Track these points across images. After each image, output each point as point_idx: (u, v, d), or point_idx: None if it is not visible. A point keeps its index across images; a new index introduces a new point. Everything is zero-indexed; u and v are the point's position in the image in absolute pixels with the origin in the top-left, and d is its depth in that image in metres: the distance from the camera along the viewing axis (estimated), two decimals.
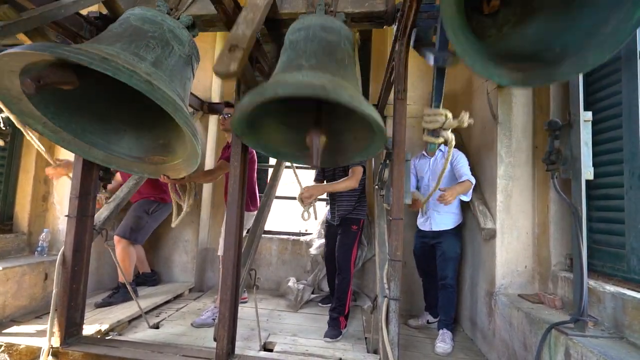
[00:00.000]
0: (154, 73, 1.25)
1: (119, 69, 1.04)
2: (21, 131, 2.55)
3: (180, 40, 1.44)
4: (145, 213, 2.83)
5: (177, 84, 1.39)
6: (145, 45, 1.31)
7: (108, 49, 1.17)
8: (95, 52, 1.06)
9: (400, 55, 1.51)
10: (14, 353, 1.71)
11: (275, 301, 3.07)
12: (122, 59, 1.14)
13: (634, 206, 1.52)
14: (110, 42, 1.25)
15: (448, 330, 2.28)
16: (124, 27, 1.33)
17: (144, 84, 1.08)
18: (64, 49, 1.01)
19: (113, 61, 1.05)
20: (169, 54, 1.38)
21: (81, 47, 1.07)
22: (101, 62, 1.01)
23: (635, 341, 1.33)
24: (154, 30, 1.36)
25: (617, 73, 1.64)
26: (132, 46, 1.27)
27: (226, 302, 1.59)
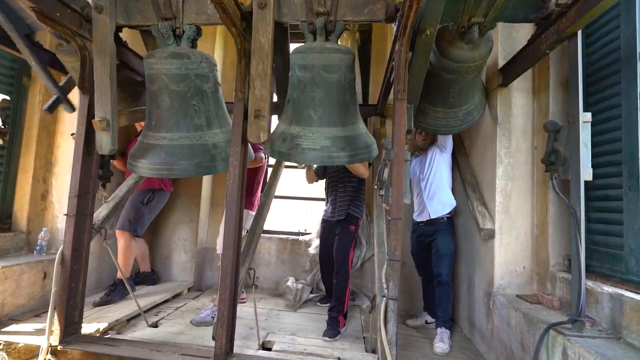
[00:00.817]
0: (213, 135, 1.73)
1: (200, 166, 1.67)
2: (20, 130, 2.57)
3: (206, 78, 1.72)
4: (141, 203, 2.85)
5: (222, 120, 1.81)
6: (194, 111, 1.68)
7: (175, 136, 1.65)
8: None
9: (400, 55, 1.51)
10: (13, 351, 1.71)
11: (274, 300, 3.07)
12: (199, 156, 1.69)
13: (632, 207, 1.52)
14: (170, 121, 1.66)
15: (446, 328, 2.28)
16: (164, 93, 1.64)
17: (222, 165, 1.72)
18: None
19: (199, 164, 1.67)
20: (208, 102, 1.73)
21: None
22: (195, 168, 1.66)
23: (633, 342, 1.34)
24: (188, 87, 1.65)
25: (616, 74, 1.65)
26: (188, 119, 1.67)
27: (225, 301, 1.59)
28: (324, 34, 1.62)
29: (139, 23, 1.75)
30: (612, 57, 1.67)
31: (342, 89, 1.60)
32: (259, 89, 1.54)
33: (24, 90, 2.58)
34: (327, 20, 1.59)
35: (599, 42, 1.77)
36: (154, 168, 1.63)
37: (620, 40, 1.62)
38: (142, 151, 1.67)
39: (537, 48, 1.72)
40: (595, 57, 1.79)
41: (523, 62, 1.88)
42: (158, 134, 1.65)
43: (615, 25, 1.66)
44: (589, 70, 1.81)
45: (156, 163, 1.62)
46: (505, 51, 2.15)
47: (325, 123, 1.59)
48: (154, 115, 1.68)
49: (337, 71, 1.57)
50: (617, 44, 1.64)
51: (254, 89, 1.54)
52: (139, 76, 2.10)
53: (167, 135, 1.64)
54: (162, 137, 1.65)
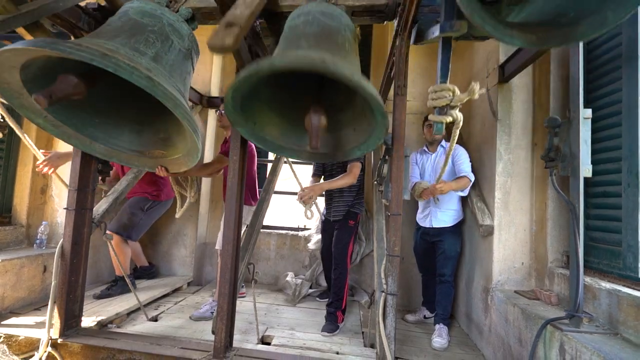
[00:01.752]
0: (154, 68, 1.23)
1: (119, 65, 1.03)
2: (20, 123, 2.56)
3: (179, 34, 1.41)
4: (140, 210, 2.81)
5: (177, 78, 1.37)
6: (145, 39, 1.29)
7: (108, 44, 1.16)
8: (95, 47, 1.05)
9: (401, 51, 1.51)
10: (13, 344, 1.72)
11: (274, 295, 3.09)
12: (123, 54, 1.13)
13: (631, 204, 1.52)
14: (109, 36, 1.24)
15: (444, 325, 2.30)
16: (123, 20, 1.31)
17: (144, 80, 1.07)
18: (65, 45, 1.00)
19: (114, 57, 1.04)
20: (168, 49, 1.36)
21: (81, 43, 1.06)
22: (102, 58, 1.01)
23: (629, 337, 1.35)
24: (153, 24, 1.34)
25: (617, 70, 1.64)
26: (132, 41, 1.25)
27: (225, 296, 1.59)
28: None
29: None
30: (613, 53, 1.67)
31: (342, 36, 1.26)
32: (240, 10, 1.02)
33: None
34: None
35: (600, 38, 1.77)
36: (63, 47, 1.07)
37: (622, 37, 1.61)
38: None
39: None
40: (596, 53, 1.78)
41: (524, 57, 1.87)
42: (95, 40, 1.22)
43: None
44: (589, 67, 1.81)
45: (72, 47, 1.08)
46: (505, 47, 2.14)
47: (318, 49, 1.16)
48: (102, 29, 1.32)
49: (335, 20, 1.28)
50: (618, 40, 1.64)
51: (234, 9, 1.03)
52: None
53: (100, 42, 1.20)
54: (96, 42, 1.19)
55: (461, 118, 1.19)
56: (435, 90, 1.20)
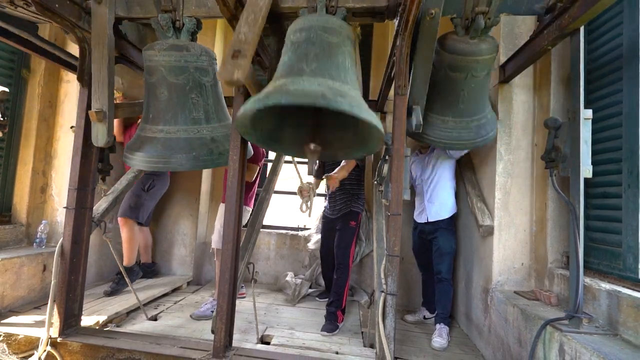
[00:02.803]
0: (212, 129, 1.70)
1: (198, 159, 1.61)
2: (20, 122, 2.56)
3: (205, 72, 1.69)
4: (142, 190, 2.85)
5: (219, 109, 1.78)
6: (194, 105, 1.65)
7: (172, 129, 1.62)
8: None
9: (402, 51, 1.50)
10: (13, 343, 1.72)
11: (273, 295, 3.09)
12: (198, 145, 1.65)
13: (631, 205, 1.52)
14: (168, 114, 1.63)
15: (445, 325, 2.30)
16: (163, 86, 1.62)
17: (223, 159, 1.64)
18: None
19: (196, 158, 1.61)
20: (207, 95, 1.71)
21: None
22: (192, 162, 1.60)
23: (629, 338, 1.35)
24: (187, 80, 1.62)
25: (618, 71, 1.64)
26: (187, 113, 1.64)
27: (224, 295, 1.59)
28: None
29: (139, 15, 1.74)
30: (614, 54, 1.66)
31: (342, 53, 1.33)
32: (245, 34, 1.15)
33: (23, 82, 2.57)
34: (328, 5, 1.56)
35: (601, 38, 1.77)
36: (150, 161, 1.61)
37: (623, 37, 1.61)
38: (139, 144, 1.66)
39: (539, 44, 1.71)
40: (597, 54, 1.78)
41: (524, 58, 1.87)
42: (155, 127, 1.63)
43: (618, 22, 1.65)
44: (590, 67, 1.81)
45: (152, 156, 1.61)
46: (507, 47, 2.14)
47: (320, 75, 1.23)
48: (151, 107, 1.66)
49: (337, 35, 1.33)
50: (619, 40, 1.64)
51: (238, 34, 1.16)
52: (139, 69, 2.09)
53: (164, 128, 1.62)
54: (159, 130, 1.63)
55: None
56: None
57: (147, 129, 1.67)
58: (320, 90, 1.04)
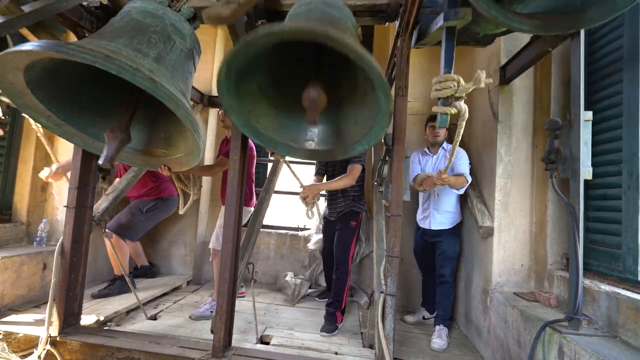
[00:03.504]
0: (156, 69, 1.23)
1: (122, 67, 1.04)
2: (21, 121, 2.56)
3: (181, 34, 1.41)
4: (139, 211, 2.78)
5: (179, 79, 1.37)
6: (148, 40, 1.29)
7: (110, 45, 1.17)
8: (98, 49, 1.06)
9: (402, 52, 1.51)
10: (13, 342, 1.72)
11: (273, 295, 3.09)
12: (125, 55, 1.13)
13: (631, 207, 1.52)
14: (112, 37, 1.24)
15: (445, 326, 2.30)
16: (126, 21, 1.32)
17: (147, 82, 1.08)
18: (67, 47, 1.01)
19: (117, 59, 1.04)
20: (170, 49, 1.36)
21: (84, 45, 1.07)
22: (105, 60, 1.02)
23: (629, 340, 1.35)
24: (155, 25, 1.34)
25: (618, 73, 1.64)
26: (134, 42, 1.25)
27: (224, 295, 1.60)
28: None
29: None
30: (615, 56, 1.67)
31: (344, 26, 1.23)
32: None
33: None
34: None
35: (601, 40, 1.77)
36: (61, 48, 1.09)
37: (623, 40, 1.61)
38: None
39: (539, 46, 1.71)
40: (598, 55, 1.78)
41: (525, 59, 1.87)
42: (96, 41, 1.21)
43: (618, 24, 1.65)
44: (591, 69, 1.81)
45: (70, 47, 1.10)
46: (507, 48, 2.14)
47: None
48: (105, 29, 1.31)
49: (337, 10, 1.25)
50: (619, 42, 1.64)
51: None
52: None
53: (102, 43, 1.19)
54: (98, 44, 1.18)
55: (466, 109, 1.15)
56: (440, 81, 1.15)
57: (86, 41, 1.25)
58: (324, 26, 0.94)
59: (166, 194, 2.91)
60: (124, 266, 2.68)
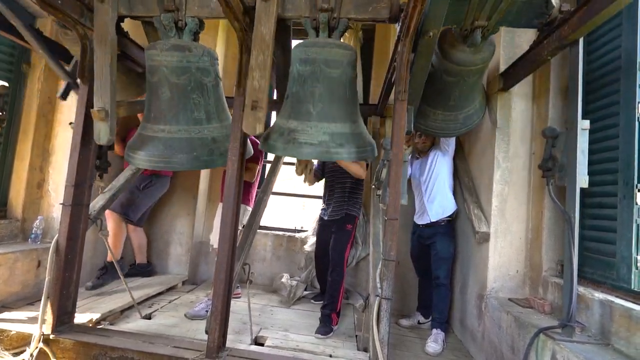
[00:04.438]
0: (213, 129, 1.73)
1: (199, 159, 1.66)
2: (18, 117, 2.55)
3: (207, 72, 1.70)
4: (136, 188, 2.82)
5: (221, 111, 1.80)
6: (195, 104, 1.66)
7: (174, 129, 1.64)
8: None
9: (402, 57, 1.51)
10: (5, 339, 1.71)
11: (268, 296, 3.08)
12: (199, 149, 1.68)
13: (626, 215, 1.53)
14: (170, 114, 1.64)
15: (441, 330, 2.30)
16: (165, 85, 1.63)
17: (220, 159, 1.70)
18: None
19: (199, 156, 1.65)
20: (208, 96, 1.72)
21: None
22: (193, 162, 1.65)
23: (621, 348, 1.35)
24: (189, 81, 1.63)
25: (616, 83, 1.66)
26: (188, 113, 1.64)
27: (219, 296, 1.59)
28: (327, 30, 1.62)
29: (141, 14, 1.74)
30: (613, 65, 1.68)
31: (343, 85, 1.59)
32: (258, 80, 1.50)
33: (23, 77, 2.56)
34: (330, 17, 1.58)
35: (600, 50, 1.78)
36: (152, 160, 1.62)
37: (621, 49, 1.63)
38: (140, 143, 1.66)
39: (538, 54, 1.73)
40: (596, 65, 1.80)
41: (524, 67, 1.88)
42: (157, 126, 1.64)
43: (617, 34, 1.67)
44: (589, 78, 1.82)
45: (154, 155, 1.62)
46: (506, 56, 2.15)
47: (325, 118, 1.56)
48: (153, 107, 1.66)
49: (338, 67, 1.55)
50: (617, 52, 1.65)
51: (252, 79, 1.50)
52: (140, 67, 2.09)
53: (165, 128, 1.63)
54: (160, 129, 1.64)
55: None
56: None
57: (148, 128, 1.67)
58: (325, 149, 1.51)
59: (162, 172, 2.95)
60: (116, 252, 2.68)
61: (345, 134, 1.58)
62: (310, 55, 1.55)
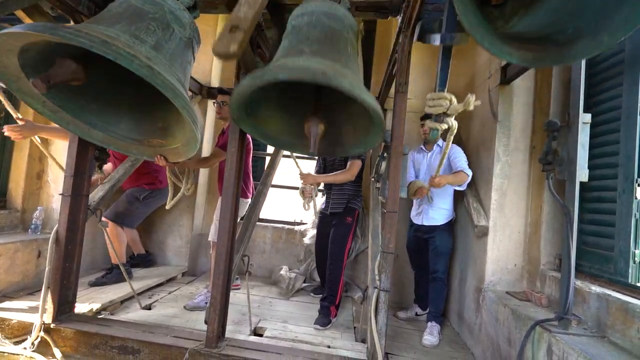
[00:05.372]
0: (154, 57, 1.22)
1: (119, 53, 1.02)
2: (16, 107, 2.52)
3: (181, 23, 1.40)
4: (136, 199, 2.80)
5: (177, 68, 1.36)
6: (146, 27, 1.27)
7: (108, 31, 1.14)
8: (95, 34, 1.03)
9: (404, 48, 1.50)
10: (6, 328, 1.73)
11: (267, 288, 3.10)
12: (123, 41, 1.11)
13: (625, 210, 1.53)
14: (110, 22, 1.22)
15: (437, 323, 2.32)
16: (124, 7, 1.29)
17: (144, 69, 1.07)
18: (64, 30, 0.98)
19: (114, 44, 1.03)
20: (169, 37, 1.35)
21: (80, 29, 1.04)
22: (102, 45, 1.00)
23: (616, 341, 1.37)
24: (154, 12, 1.32)
25: (619, 76, 1.64)
26: (133, 28, 1.24)
27: (218, 287, 1.60)
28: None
29: None
30: (616, 59, 1.67)
31: (344, 40, 1.30)
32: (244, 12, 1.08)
33: None
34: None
35: None
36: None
37: (625, 42, 1.61)
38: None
39: None
40: (599, 58, 1.78)
41: None
42: (94, 25, 1.21)
43: None
44: (591, 72, 1.81)
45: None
46: None
47: (320, 56, 1.19)
48: (103, 15, 1.31)
49: (339, 22, 1.31)
50: (621, 45, 1.63)
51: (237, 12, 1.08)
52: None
53: (100, 27, 1.18)
54: (96, 28, 1.17)
55: (456, 125, 1.22)
56: (433, 98, 1.21)
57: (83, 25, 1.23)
58: (321, 68, 1.01)
59: (163, 185, 2.93)
60: (120, 254, 2.68)
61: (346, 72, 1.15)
62: (308, 8, 1.32)
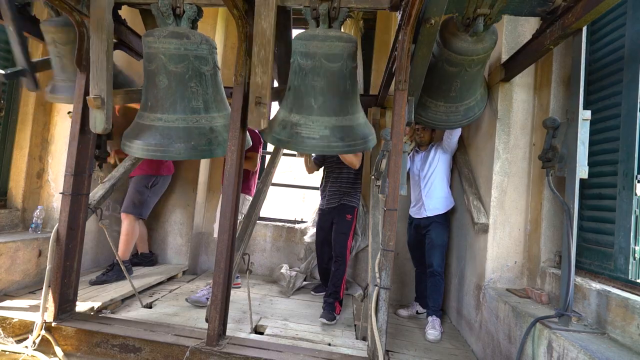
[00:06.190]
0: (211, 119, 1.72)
1: (196, 149, 1.64)
2: (17, 106, 2.54)
3: (205, 60, 1.68)
4: (145, 187, 2.88)
5: (219, 100, 1.79)
6: (193, 93, 1.65)
7: (171, 118, 1.63)
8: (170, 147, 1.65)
9: (403, 45, 1.49)
10: (8, 327, 1.73)
11: (268, 287, 3.11)
12: (195, 135, 1.67)
13: (625, 207, 1.53)
14: (167, 103, 1.64)
15: (437, 317, 2.34)
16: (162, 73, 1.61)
17: (220, 150, 1.70)
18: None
19: (196, 146, 1.65)
20: (206, 85, 1.70)
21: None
22: (187, 152, 1.62)
23: (616, 337, 1.37)
24: (186, 69, 1.62)
25: (619, 73, 1.64)
26: (185, 102, 1.64)
27: (219, 285, 1.60)
28: (327, 20, 1.60)
29: (138, 0, 1.71)
30: (616, 55, 1.66)
31: (344, 78, 1.60)
32: (260, 76, 1.53)
33: None
34: (330, 7, 1.57)
35: (603, 39, 1.76)
36: (148, 149, 1.61)
37: (625, 39, 1.60)
38: (137, 132, 1.66)
39: (541, 43, 1.71)
40: (599, 54, 1.78)
41: (526, 57, 1.86)
42: (154, 115, 1.64)
43: (621, 24, 1.64)
44: (591, 68, 1.80)
45: (150, 144, 1.61)
46: (509, 45, 2.13)
47: (326, 112, 1.60)
48: (150, 95, 1.65)
49: (339, 60, 1.57)
50: (621, 42, 1.63)
51: (255, 75, 1.54)
52: (137, 56, 2.07)
53: (162, 117, 1.62)
54: (157, 118, 1.63)
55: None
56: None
57: (145, 117, 1.66)
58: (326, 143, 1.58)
59: (166, 171, 3.04)
60: (126, 252, 2.72)
61: (346, 127, 1.62)
62: (310, 49, 1.57)
